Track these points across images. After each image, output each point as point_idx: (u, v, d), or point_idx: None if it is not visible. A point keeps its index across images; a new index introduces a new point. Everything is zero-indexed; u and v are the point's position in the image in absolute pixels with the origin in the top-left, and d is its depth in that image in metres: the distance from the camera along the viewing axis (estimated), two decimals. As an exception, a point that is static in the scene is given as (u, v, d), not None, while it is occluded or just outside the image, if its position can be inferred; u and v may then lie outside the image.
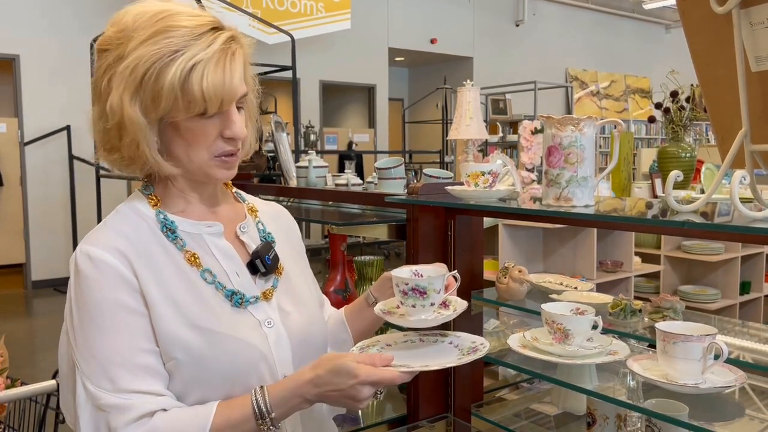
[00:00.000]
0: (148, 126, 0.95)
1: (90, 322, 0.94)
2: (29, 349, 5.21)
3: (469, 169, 1.52)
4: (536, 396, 1.99)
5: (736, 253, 4.10)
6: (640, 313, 1.49)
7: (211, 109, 0.95)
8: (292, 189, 2.59)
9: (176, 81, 0.92)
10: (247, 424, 0.94)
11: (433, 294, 1.06)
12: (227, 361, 0.97)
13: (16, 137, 7.44)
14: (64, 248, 7.59)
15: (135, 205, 1.04)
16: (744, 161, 1.03)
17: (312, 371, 0.95)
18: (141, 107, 0.94)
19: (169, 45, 0.92)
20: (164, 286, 0.97)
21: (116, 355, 0.93)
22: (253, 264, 1.06)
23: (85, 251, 0.96)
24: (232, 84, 0.95)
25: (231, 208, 1.12)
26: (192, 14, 0.97)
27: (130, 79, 0.93)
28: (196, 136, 0.97)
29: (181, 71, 0.91)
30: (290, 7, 8.33)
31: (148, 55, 0.92)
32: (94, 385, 0.92)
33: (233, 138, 0.98)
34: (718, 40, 1.00)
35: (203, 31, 0.95)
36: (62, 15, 7.47)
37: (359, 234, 2.78)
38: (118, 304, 0.94)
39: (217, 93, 0.93)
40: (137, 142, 0.95)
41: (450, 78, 9.80)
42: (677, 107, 3.20)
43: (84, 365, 0.94)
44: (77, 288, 0.96)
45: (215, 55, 0.93)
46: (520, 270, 1.65)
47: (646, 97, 13.42)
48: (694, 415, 1.18)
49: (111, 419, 0.91)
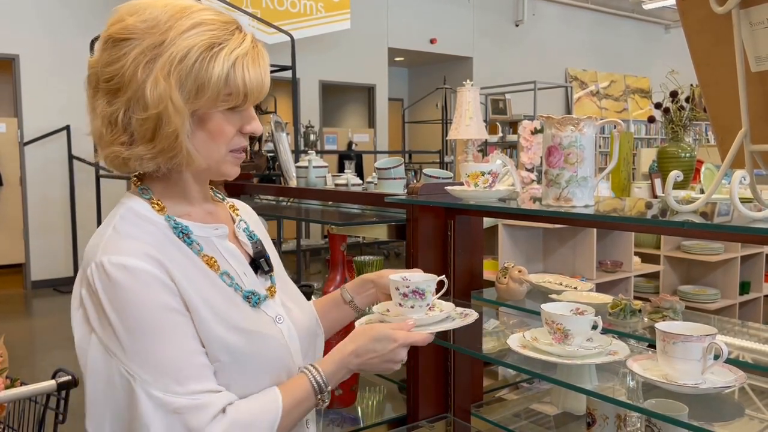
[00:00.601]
0: (187, 120, 0.95)
1: (141, 330, 0.90)
2: (29, 349, 5.21)
3: (469, 169, 1.52)
4: (536, 396, 1.99)
5: (736, 253, 4.10)
6: (639, 314, 1.49)
7: (249, 103, 0.99)
8: (292, 189, 2.59)
9: (222, 72, 0.94)
10: (308, 401, 1.01)
11: (429, 296, 1.19)
12: (263, 358, 1.01)
13: (16, 137, 7.44)
14: (64, 248, 7.59)
15: (137, 210, 1.00)
16: (744, 161, 1.03)
17: (352, 344, 1.05)
18: (183, 96, 0.93)
19: (212, 37, 0.94)
20: (197, 290, 0.96)
21: (176, 358, 0.91)
22: (254, 263, 1.09)
23: (116, 262, 0.91)
24: (266, 80, 0.99)
25: (220, 208, 1.14)
26: (215, 11, 0.99)
27: (179, 68, 0.92)
28: (222, 129, 0.98)
29: (226, 63, 0.94)
30: (290, 7, 8.33)
31: (197, 45, 0.93)
32: (162, 391, 0.90)
33: (252, 133, 1.02)
34: (718, 40, 1.00)
35: (233, 27, 0.97)
36: (62, 15, 7.47)
37: (359, 234, 2.78)
38: (166, 308, 0.92)
39: (257, 87, 0.97)
40: (177, 133, 0.94)
41: (450, 78, 9.81)
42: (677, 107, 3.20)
43: (143, 374, 0.90)
44: (115, 300, 0.91)
45: (250, 51, 0.97)
46: (520, 270, 1.65)
47: (646, 97, 13.42)
48: (694, 416, 1.18)
49: (189, 420, 0.90)
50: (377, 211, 2.16)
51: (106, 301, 0.91)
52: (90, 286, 0.93)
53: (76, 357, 0.97)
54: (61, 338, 5.45)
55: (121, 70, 0.93)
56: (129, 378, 0.90)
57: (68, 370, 1.59)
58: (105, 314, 0.91)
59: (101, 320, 0.92)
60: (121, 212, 1.00)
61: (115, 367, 0.91)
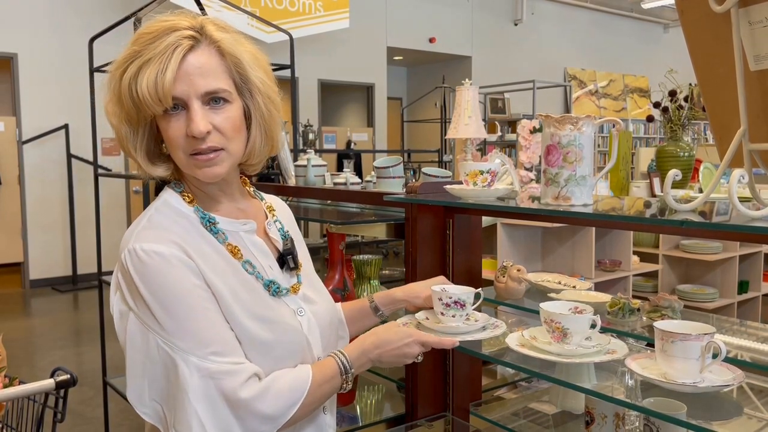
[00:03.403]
0: (130, 129, 1.02)
1: (177, 305, 0.97)
2: (27, 348, 5.21)
3: (468, 168, 1.52)
4: (535, 395, 1.99)
5: (735, 252, 4.11)
6: (638, 312, 1.49)
7: (152, 108, 0.98)
8: (291, 188, 2.59)
9: (126, 82, 0.98)
10: (334, 379, 1.08)
11: (469, 306, 1.32)
12: (282, 346, 1.06)
13: (14, 136, 7.43)
14: (62, 247, 7.59)
15: (170, 202, 1.07)
16: (742, 160, 1.03)
17: (373, 336, 1.14)
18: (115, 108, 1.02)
19: (131, 51, 0.99)
20: (220, 277, 1.02)
21: (208, 330, 0.98)
22: (281, 259, 1.14)
23: (149, 249, 0.98)
24: (163, 80, 0.96)
25: (253, 206, 1.19)
26: (169, 20, 1.01)
27: (109, 89, 1.02)
28: (168, 134, 1.01)
29: (131, 73, 0.97)
30: (289, 5, 8.33)
31: (117, 63, 1.00)
32: (199, 357, 0.96)
33: (190, 134, 0.99)
34: (717, 39, 1.00)
35: (161, 33, 0.99)
36: (61, 14, 7.46)
37: (358, 233, 2.78)
38: (196, 287, 0.99)
39: (149, 90, 0.96)
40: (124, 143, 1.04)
41: (448, 77, 9.80)
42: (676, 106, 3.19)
43: (182, 343, 0.97)
44: (149, 282, 0.97)
45: (158, 54, 0.97)
46: (519, 269, 1.65)
47: (645, 97, 13.43)
48: (693, 414, 1.18)
49: (224, 384, 0.96)
50: (376, 210, 2.16)
51: (140, 283, 0.97)
52: (124, 271, 1.00)
53: (73, 356, 1.00)
54: (59, 337, 5.45)
55: None
56: (167, 348, 0.97)
57: (67, 369, 1.59)
58: (140, 294, 0.98)
59: (136, 300, 0.99)
60: (157, 204, 1.08)
61: (153, 339, 0.98)
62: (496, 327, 1.35)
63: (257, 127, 1.08)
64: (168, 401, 0.99)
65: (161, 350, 0.97)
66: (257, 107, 1.07)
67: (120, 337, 1.02)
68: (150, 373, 0.99)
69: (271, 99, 1.08)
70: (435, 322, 1.31)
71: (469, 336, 1.29)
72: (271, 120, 1.09)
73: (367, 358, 1.12)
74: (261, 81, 1.06)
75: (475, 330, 1.33)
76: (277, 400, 1.00)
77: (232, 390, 0.96)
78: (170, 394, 0.98)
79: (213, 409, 0.96)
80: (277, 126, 1.11)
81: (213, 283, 1.01)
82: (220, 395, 0.96)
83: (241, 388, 0.97)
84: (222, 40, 1.02)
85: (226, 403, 0.96)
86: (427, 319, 1.33)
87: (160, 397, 1.00)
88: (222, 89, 1.01)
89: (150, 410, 1.01)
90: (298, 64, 4.19)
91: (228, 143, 1.03)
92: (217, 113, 1.01)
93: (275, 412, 0.99)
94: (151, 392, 1.00)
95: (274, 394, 0.99)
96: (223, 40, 1.02)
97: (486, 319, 1.37)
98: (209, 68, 1.00)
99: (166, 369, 0.98)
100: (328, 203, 2.53)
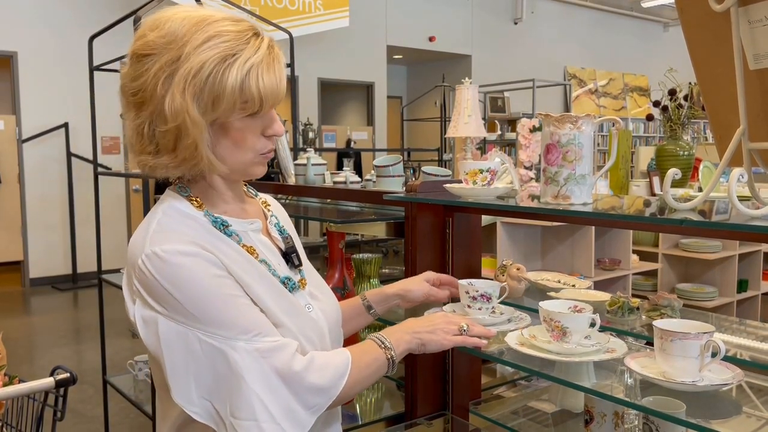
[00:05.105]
0: (205, 130, 0.99)
1: (210, 297, 0.97)
2: (27, 346, 5.21)
3: (468, 167, 1.52)
4: (534, 393, 1.99)
5: (734, 251, 4.11)
6: (637, 311, 1.50)
7: (266, 109, 1.01)
8: (291, 187, 2.59)
9: (236, 83, 0.96)
10: (375, 351, 1.11)
11: (495, 299, 1.38)
12: (305, 338, 1.07)
13: (14, 134, 7.43)
14: (62, 246, 7.59)
15: (178, 207, 1.06)
16: (742, 159, 1.03)
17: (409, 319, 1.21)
18: (200, 109, 0.97)
19: (226, 49, 0.97)
20: (246, 273, 1.03)
21: (247, 314, 0.99)
22: (286, 257, 1.15)
23: (170, 250, 0.97)
24: (282, 85, 1.02)
25: (253, 205, 1.19)
26: (233, 20, 1.02)
27: (193, 82, 0.96)
28: (245, 135, 1.02)
29: (240, 73, 0.97)
30: (288, 4, 8.32)
31: (211, 59, 0.96)
32: (246, 341, 0.97)
33: (275, 135, 1.05)
34: (717, 38, 1.00)
35: (249, 36, 1.00)
36: (60, 12, 7.45)
37: (357, 231, 2.78)
38: (223, 277, 1.00)
39: (272, 93, 1.00)
40: (196, 144, 0.98)
41: (448, 76, 9.79)
42: (675, 105, 3.19)
43: (225, 332, 0.96)
44: (176, 280, 0.96)
45: (265, 58, 0.99)
46: (518, 268, 1.65)
47: (645, 95, 13.43)
48: (692, 413, 1.18)
49: (275, 361, 0.97)
50: (376, 209, 2.16)
51: (167, 284, 0.96)
52: (144, 276, 0.98)
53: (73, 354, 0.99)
54: (59, 336, 5.45)
55: (144, 86, 0.99)
56: (210, 341, 0.96)
57: (66, 368, 1.59)
58: (169, 294, 0.96)
59: (165, 302, 0.97)
60: (162, 209, 1.06)
61: (193, 335, 0.96)
62: (521, 320, 1.41)
63: None
64: (219, 394, 0.97)
65: (204, 344, 0.96)
66: None
67: (150, 344, 0.99)
68: (194, 370, 0.97)
69: None
70: (462, 315, 1.33)
71: (495, 328, 1.33)
72: None
73: (404, 331, 1.15)
74: None
75: (501, 322, 1.38)
76: (325, 372, 1.01)
77: (285, 364, 0.97)
78: (221, 386, 0.97)
79: (271, 388, 0.96)
80: None
81: (237, 275, 1.01)
82: (275, 373, 0.97)
83: (292, 362, 0.98)
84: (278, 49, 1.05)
85: (281, 379, 0.97)
86: (454, 312, 1.37)
87: (208, 392, 0.98)
88: None
89: (200, 409, 0.99)
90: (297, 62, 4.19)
91: None
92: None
93: (326, 383, 1.01)
94: (198, 390, 0.98)
95: (320, 366, 1.01)
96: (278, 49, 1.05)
97: (511, 311, 1.43)
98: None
99: (212, 362, 0.97)
100: (328, 202, 2.53)
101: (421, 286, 1.40)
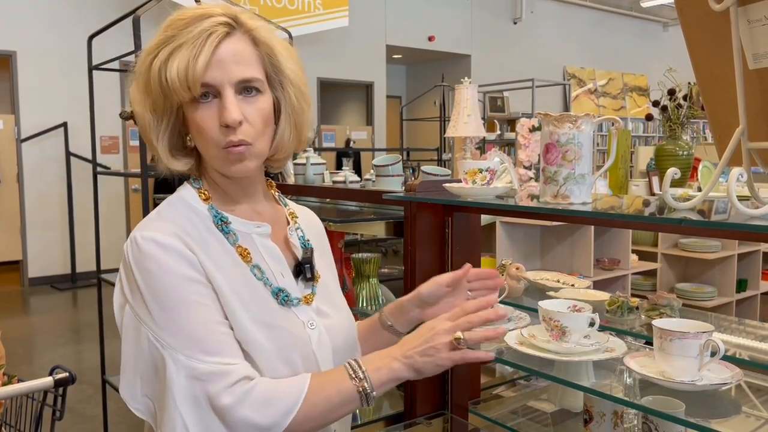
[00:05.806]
0: (154, 118, 0.98)
1: (170, 299, 0.93)
2: (26, 346, 5.20)
3: (467, 167, 1.52)
4: (533, 393, 1.99)
5: (733, 251, 4.11)
6: (637, 311, 1.50)
7: (179, 95, 0.94)
8: (290, 186, 2.58)
9: (156, 68, 0.94)
10: (342, 383, 0.95)
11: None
12: (284, 356, 0.98)
13: (13, 134, 7.42)
14: (61, 245, 7.58)
15: (185, 198, 1.04)
16: (741, 159, 1.03)
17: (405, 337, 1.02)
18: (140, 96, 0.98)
19: (163, 36, 0.96)
20: (225, 277, 0.97)
21: (202, 326, 0.93)
22: (298, 268, 1.08)
23: (148, 237, 0.95)
24: (195, 66, 0.92)
25: (273, 210, 1.13)
26: (202, 7, 0.98)
27: (138, 71, 0.98)
28: (198, 124, 0.97)
29: (162, 58, 0.94)
30: (288, 4, 8.32)
31: (147, 49, 0.97)
32: (187, 357, 0.91)
33: (224, 123, 0.95)
34: (716, 37, 1.00)
35: (195, 19, 0.95)
36: (60, 11, 7.44)
37: (357, 231, 2.78)
38: (192, 280, 0.95)
39: (179, 76, 0.92)
40: (147, 134, 0.99)
41: (448, 75, 9.79)
42: (675, 105, 3.19)
43: (172, 340, 0.92)
44: (146, 272, 0.93)
45: (191, 39, 0.93)
46: (518, 267, 1.65)
47: (644, 95, 13.43)
48: (691, 412, 1.18)
49: (209, 386, 0.90)
50: (375, 208, 2.16)
51: (137, 270, 0.94)
52: (123, 260, 0.97)
53: (72, 354, 0.99)
54: (58, 335, 5.45)
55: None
56: (156, 343, 0.93)
57: (65, 367, 1.59)
58: (136, 283, 0.94)
59: (133, 290, 0.95)
60: (171, 198, 1.05)
61: (144, 333, 0.94)
62: (520, 319, 1.44)
63: (286, 120, 1.04)
64: (158, 399, 0.94)
65: (151, 345, 0.93)
66: (288, 99, 1.04)
67: (119, 330, 0.98)
68: (141, 367, 0.94)
69: (302, 92, 1.05)
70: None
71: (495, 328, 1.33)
72: (302, 114, 1.06)
73: (391, 357, 0.98)
74: (293, 72, 1.04)
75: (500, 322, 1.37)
76: (266, 408, 0.91)
77: (215, 393, 0.90)
78: (160, 392, 0.93)
79: (199, 412, 0.90)
80: (307, 121, 1.08)
81: (214, 277, 0.96)
82: (205, 398, 0.90)
83: (224, 393, 0.90)
84: (257, 28, 1.00)
85: (211, 407, 0.90)
86: None
87: (152, 393, 0.95)
88: (256, 78, 0.98)
89: (142, 406, 0.96)
90: (297, 62, 4.22)
91: (257, 137, 0.98)
92: (249, 104, 0.97)
93: (265, 421, 0.90)
94: (143, 388, 0.95)
95: (261, 401, 0.91)
96: (258, 28, 1.00)
97: (510, 311, 1.45)
98: (244, 56, 0.97)
99: (154, 364, 0.93)
100: (327, 201, 2.53)
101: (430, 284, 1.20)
